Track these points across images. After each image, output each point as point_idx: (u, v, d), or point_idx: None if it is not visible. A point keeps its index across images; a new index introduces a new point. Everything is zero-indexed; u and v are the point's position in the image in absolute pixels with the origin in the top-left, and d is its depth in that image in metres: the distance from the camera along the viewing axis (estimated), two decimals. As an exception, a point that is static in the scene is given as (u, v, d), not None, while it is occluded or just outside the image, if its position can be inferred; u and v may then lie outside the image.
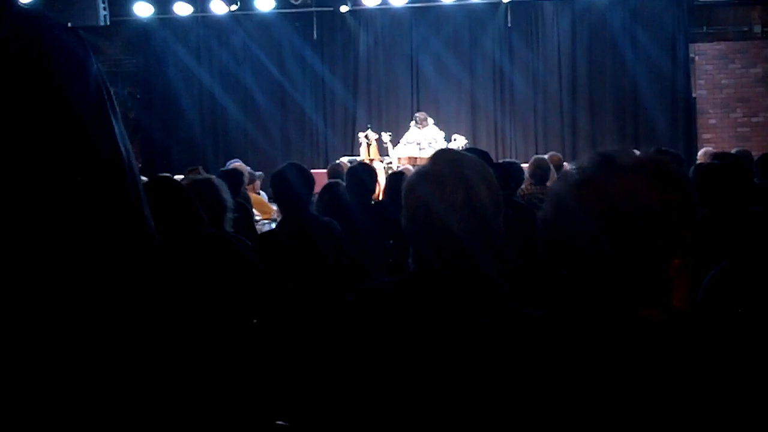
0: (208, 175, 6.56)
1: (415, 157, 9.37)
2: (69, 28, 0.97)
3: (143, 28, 11.93)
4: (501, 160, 6.94)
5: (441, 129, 10.06)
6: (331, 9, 11.59)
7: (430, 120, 10.10)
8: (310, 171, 4.13)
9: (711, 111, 11.24)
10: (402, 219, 1.57)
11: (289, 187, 3.77)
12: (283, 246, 3.64)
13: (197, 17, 11.79)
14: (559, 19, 11.48)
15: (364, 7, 11.34)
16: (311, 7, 11.63)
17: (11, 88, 0.88)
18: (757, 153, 6.17)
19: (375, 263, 3.89)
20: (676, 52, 11.11)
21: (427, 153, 9.47)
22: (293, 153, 11.44)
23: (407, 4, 11.33)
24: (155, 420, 0.99)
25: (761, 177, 4.90)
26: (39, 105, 0.89)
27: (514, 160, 7.36)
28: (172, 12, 11.50)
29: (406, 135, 10.05)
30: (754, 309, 2.01)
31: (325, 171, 7.76)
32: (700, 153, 7.60)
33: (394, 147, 9.91)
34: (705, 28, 11.20)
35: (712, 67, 11.23)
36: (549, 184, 6.02)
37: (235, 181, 5.45)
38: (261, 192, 7.55)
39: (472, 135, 11.09)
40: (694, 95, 11.20)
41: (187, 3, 11.41)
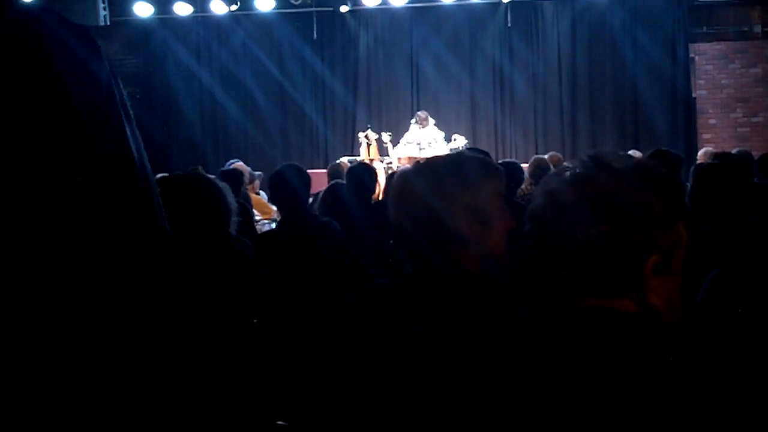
0: (209, 175, 6.56)
1: (415, 157, 9.36)
2: (74, 25, 0.97)
3: (143, 28, 11.93)
4: (501, 160, 6.94)
5: (441, 129, 10.05)
6: (331, 9, 11.59)
7: (431, 120, 10.10)
8: (309, 171, 4.14)
9: (711, 111, 11.24)
10: (393, 219, 1.58)
11: (287, 188, 3.77)
12: (283, 246, 3.64)
13: (197, 17, 11.79)
14: (559, 19, 11.48)
15: (364, 7, 11.34)
16: (311, 7, 11.63)
17: (10, 87, 0.88)
18: (757, 153, 6.17)
19: (375, 263, 3.89)
20: (676, 52, 11.11)
21: (427, 153, 9.47)
22: (293, 153, 11.44)
23: (407, 4, 11.33)
24: (155, 419, 0.99)
25: (761, 177, 4.90)
26: (38, 104, 0.89)
27: (514, 160, 7.36)
28: (172, 12, 11.50)
29: (406, 135, 10.05)
30: (752, 309, 2.01)
31: (325, 171, 7.76)
32: (700, 153, 7.61)
33: (394, 147, 9.90)
34: (705, 28, 11.20)
35: (712, 67, 11.23)
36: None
37: (235, 181, 5.45)
38: (261, 192, 7.55)
39: (472, 135, 11.08)
40: (694, 95, 11.20)
41: (187, 3, 11.41)
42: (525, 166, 6.33)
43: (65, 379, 0.90)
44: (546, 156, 7.62)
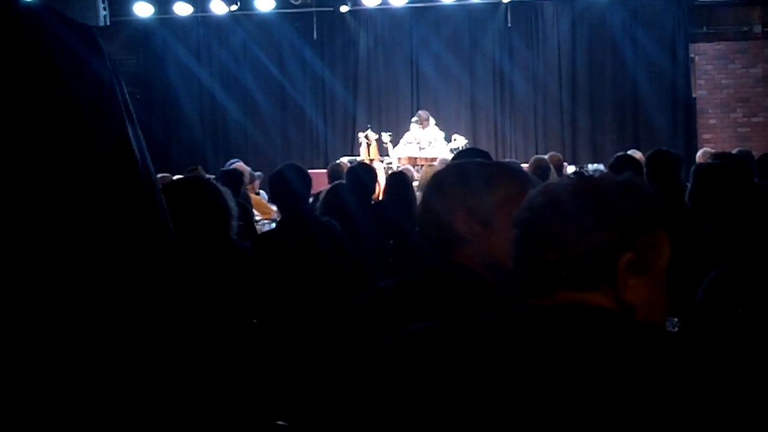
0: (209, 175, 6.56)
1: (415, 157, 9.36)
2: (76, 24, 0.97)
3: (143, 28, 11.92)
4: (501, 161, 6.94)
5: (441, 129, 10.05)
6: (331, 9, 11.59)
7: (432, 119, 10.10)
8: (309, 171, 4.14)
9: (711, 111, 11.24)
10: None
11: (287, 188, 3.77)
12: (283, 246, 3.64)
13: (197, 17, 11.79)
14: (559, 19, 11.48)
15: (364, 7, 11.34)
16: (311, 7, 11.62)
17: (10, 86, 0.88)
18: (757, 153, 6.17)
19: (375, 263, 3.89)
20: (676, 52, 11.10)
21: (427, 153, 9.46)
22: (293, 153, 11.44)
23: (407, 4, 11.32)
24: (155, 419, 0.99)
25: (762, 177, 4.90)
26: (38, 103, 0.89)
27: (514, 160, 7.37)
28: (172, 12, 11.50)
29: (406, 135, 10.04)
30: (752, 309, 2.01)
31: (325, 171, 7.75)
32: (699, 153, 7.60)
33: (394, 147, 9.90)
34: (705, 28, 11.20)
35: (712, 67, 11.23)
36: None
37: (235, 181, 5.45)
38: (261, 192, 7.55)
39: (472, 135, 11.08)
40: (694, 95, 11.20)
41: (187, 3, 11.41)
42: (525, 166, 6.33)
43: (65, 377, 0.90)
44: (546, 156, 7.62)
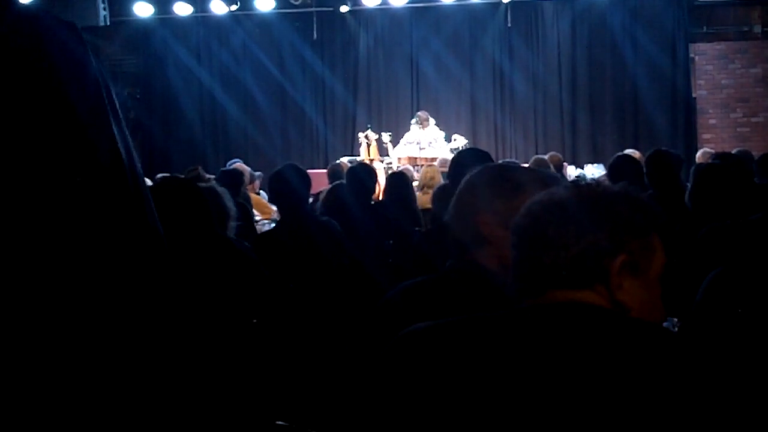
0: (209, 175, 6.56)
1: (415, 157, 9.35)
2: (70, 26, 0.97)
3: (143, 28, 11.92)
4: (501, 161, 6.94)
5: (441, 129, 10.05)
6: (331, 9, 11.58)
7: (432, 120, 10.10)
8: (309, 171, 4.14)
9: (711, 111, 11.23)
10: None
11: (287, 188, 3.77)
12: (283, 246, 3.64)
13: (197, 17, 11.78)
14: (559, 19, 11.47)
15: (364, 7, 11.33)
16: (311, 7, 11.62)
17: (10, 87, 0.88)
18: (757, 153, 6.17)
19: (375, 263, 3.89)
20: (676, 52, 11.10)
21: (428, 153, 9.46)
22: (293, 153, 11.43)
23: (407, 4, 11.32)
24: (155, 419, 0.99)
25: (761, 177, 4.90)
26: (38, 104, 0.89)
27: (514, 160, 7.37)
28: (172, 12, 11.49)
29: (407, 135, 10.04)
30: (751, 309, 2.01)
31: (325, 171, 7.75)
32: (699, 153, 7.61)
33: (394, 147, 9.90)
34: (705, 28, 11.19)
35: (712, 67, 11.23)
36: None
37: (235, 181, 5.45)
38: (261, 192, 7.54)
39: (472, 135, 11.07)
40: (694, 95, 11.19)
41: (187, 3, 11.41)
42: (525, 166, 6.32)
43: (57, 376, 0.90)
44: (546, 156, 7.62)
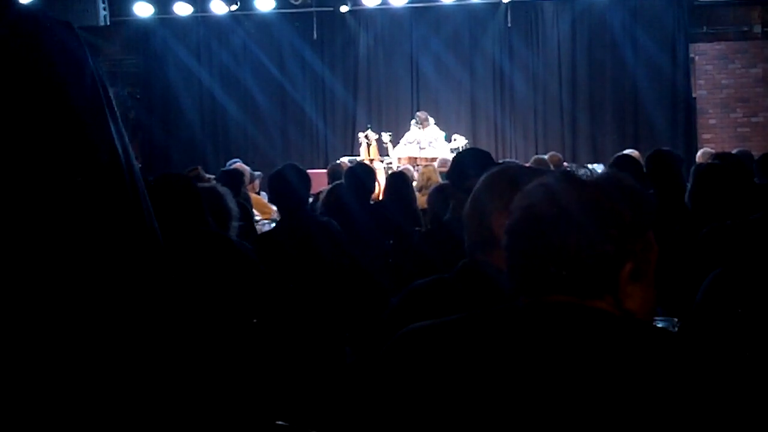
0: (209, 175, 6.56)
1: (415, 157, 9.35)
2: (68, 26, 0.97)
3: (143, 28, 11.92)
4: (501, 161, 6.94)
5: (441, 129, 10.05)
6: (331, 9, 11.58)
7: (431, 120, 10.10)
8: (309, 171, 4.13)
9: (711, 111, 11.23)
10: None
11: (287, 188, 3.77)
12: (283, 246, 3.64)
13: (197, 17, 11.78)
14: (559, 19, 11.47)
15: (364, 7, 11.33)
16: (311, 7, 11.62)
17: (10, 88, 0.88)
18: (757, 153, 6.17)
19: (375, 263, 3.89)
20: (676, 52, 11.10)
21: (428, 153, 9.46)
22: (293, 153, 11.44)
23: (407, 4, 11.32)
24: (155, 419, 0.99)
25: (761, 177, 4.90)
26: (38, 104, 0.89)
27: (514, 159, 7.37)
28: (172, 12, 11.49)
29: (407, 135, 10.04)
30: (752, 309, 2.01)
31: (325, 171, 7.75)
32: (699, 154, 7.60)
33: (394, 147, 9.90)
34: (705, 28, 11.19)
35: (712, 67, 11.23)
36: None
37: (235, 181, 5.45)
38: (261, 192, 7.54)
39: (472, 135, 11.08)
40: (694, 95, 11.19)
41: (187, 3, 11.41)
42: (541, 169, 6.31)
43: (54, 375, 0.90)
44: (546, 156, 7.62)
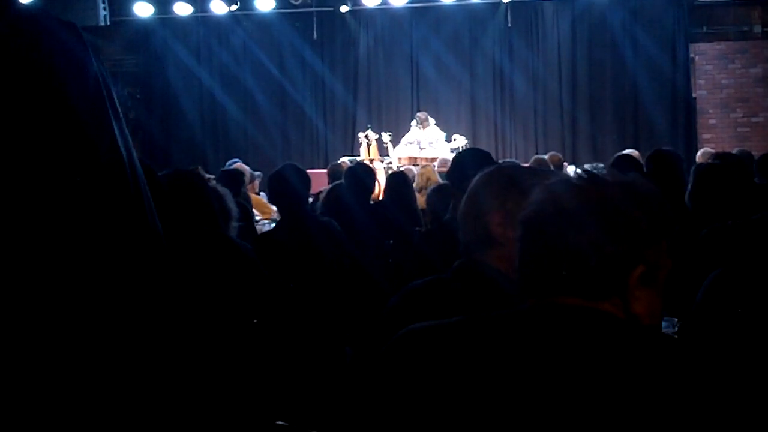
0: (209, 175, 6.56)
1: (416, 157, 9.36)
2: (69, 25, 0.97)
3: (143, 28, 11.92)
4: (501, 161, 6.94)
5: (441, 129, 10.05)
6: (331, 9, 11.58)
7: (431, 120, 10.10)
8: (309, 171, 4.13)
9: (711, 111, 11.23)
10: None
11: (287, 188, 3.77)
12: (283, 246, 3.64)
13: (197, 17, 11.78)
14: (559, 19, 11.47)
15: (364, 7, 11.33)
16: (311, 7, 11.62)
17: (11, 88, 0.88)
18: (757, 153, 6.17)
19: (375, 263, 3.89)
20: (676, 52, 11.10)
21: (428, 153, 9.46)
22: (293, 153, 11.44)
23: (407, 4, 11.32)
24: (155, 419, 0.99)
25: (761, 177, 4.89)
26: (38, 104, 0.89)
27: (514, 160, 7.37)
28: (172, 12, 11.49)
29: (407, 135, 10.05)
30: (752, 309, 2.01)
31: (325, 171, 7.75)
32: (699, 153, 7.60)
33: (395, 147, 9.90)
34: (705, 28, 11.19)
35: (712, 67, 11.22)
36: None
37: (235, 181, 5.44)
38: (261, 193, 7.54)
39: (472, 135, 11.08)
40: (694, 95, 11.19)
41: (187, 3, 11.41)
42: (525, 166, 6.32)
43: (56, 374, 0.90)
44: (546, 156, 7.62)
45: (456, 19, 11.50)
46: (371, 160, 9.10)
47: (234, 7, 11.35)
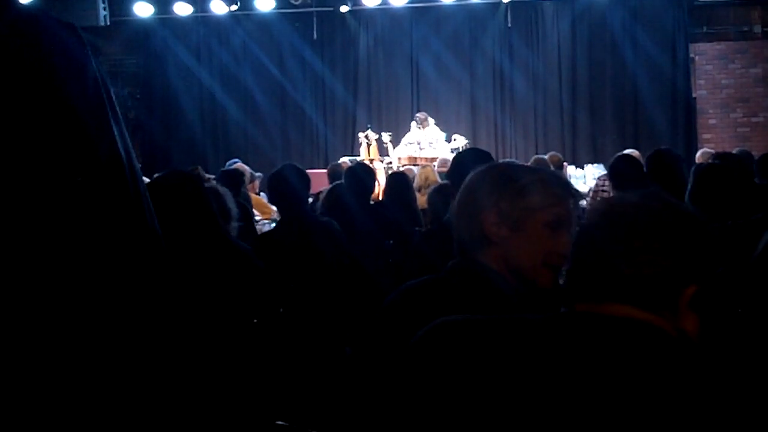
0: (209, 175, 6.56)
1: (415, 157, 9.35)
2: (69, 26, 0.97)
3: (143, 28, 11.92)
4: (501, 161, 6.94)
5: (441, 129, 10.05)
6: (331, 9, 11.58)
7: (431, 120, 10.10)
8: (309, 171, 4.13)
9: (711, 111, 11.23)
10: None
11: (287, 188, 3.77)
12: (283, 246, 3.64)
13: (197, 17, 11.78)
14: (559, 19, 11.48)
15: (364, 7, 11.34)
16: (311, 7, 11.62)
17: (11, 88, 0.88)
18: (757, 153, 6.17)
19: (375, 263, 3.89)
20: (676, 52, 11.10)
21: (428, 153, 9.46)
22: (293, 153, 11.44)
23: (407, 4, 11.32)
24: (155, 419, 0.99)
25: (762, 177, 4.90)
26: (39, 104, 0.89)
27: (514, 159, 7.37)
28: (172, 12, 11.49)
29: (407, 135, 10.05)
30: (752, 310, 2.01)
31: (325, 171, 7.75)
32: (699, 153, 7.60)
33: (395, 147, 9.90)
34: (705, 28, 11.20)
35: (712, 67, 11.23)
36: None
37: (235, 181, 5.45)
38: (261, 193, 7.54)
39: (472, 135, 11.08)
40: (694, 95, 11.20)
41: (187, 3, 11.41)
42: (528, 165, 6.32)
43: (55, 374, 0.90)
44: (546, 156, 7.62)
45: (456, 19, 11.50)
46: (371, 160, 9.10)
47: (234, 7, 11.35)
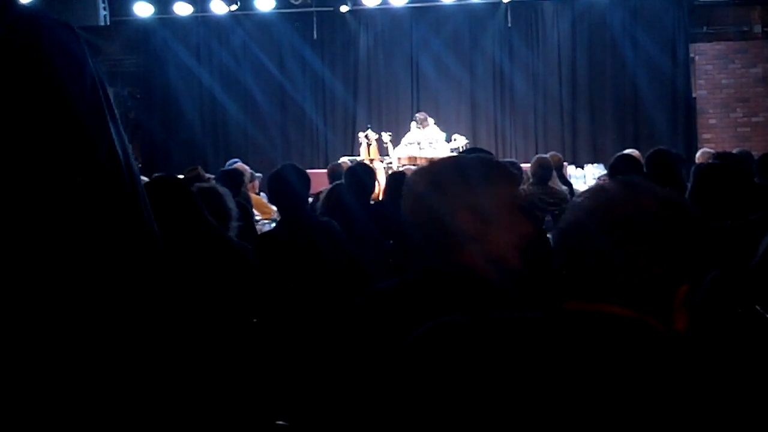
0: (209, 175, 6.56)
1: (416, 157, 9.36)
2: (67, 26, 0.97)
3: (143, 28, 11.92)
4: (501, 160, 6.93)
5: (441, 129, 10.05)
6: (331, 9, 11.58)
7: (431, 120, 10.10)
8: (309, 171, 4.13)
9: (711, 111, 11.23)
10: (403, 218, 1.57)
11: (287, 188, 3.77)
12: (283, 246, 3.64)
13: (197, 17, 11.79)
14: (559, 19, 11.48)
15: (364, 7, 11.34)
16: (311, 7, 11.62)
17: (11, 88, 0.88)
18: (757, 153, 6.17)
19: (375, 263, 3.89)
20: (676, 52, 11.11)
21: (428, 153, 9.46)
22: (293, 153, 11.44)
23: (407, 4, 11.32)
24: (155, 419, 0.99)
25: (762, 177, 4.89)
26: (38, 104, 0.89)
27: (514, 159, 7.38)
28: (172, 12, 11.50)
29: (407, 135, 10.05)
30: (751, 310, 2.01)
31: (325, 171, 7.75)
32: (698, 153, 7.60)
33: (395, 147, 9.91)
34: (705, 28, 11.20)
35: (712, 67, 11.23)
36: (550, 184, 6.02)
37: (235, 181, 5.45)
38: (261, 192, 7.54)
39: (472, 135, 11.08)
40: (694, 95, 11.20)
41: (187, 3, 11.41)
42: (525, 166, 6.33)
43: (55, 373, 0.90)
44: (547, 155, 7.62)
45: (456, 19, 11.51)
46: (371, 160, 9.10)
47: (234, 7, 11.35)
